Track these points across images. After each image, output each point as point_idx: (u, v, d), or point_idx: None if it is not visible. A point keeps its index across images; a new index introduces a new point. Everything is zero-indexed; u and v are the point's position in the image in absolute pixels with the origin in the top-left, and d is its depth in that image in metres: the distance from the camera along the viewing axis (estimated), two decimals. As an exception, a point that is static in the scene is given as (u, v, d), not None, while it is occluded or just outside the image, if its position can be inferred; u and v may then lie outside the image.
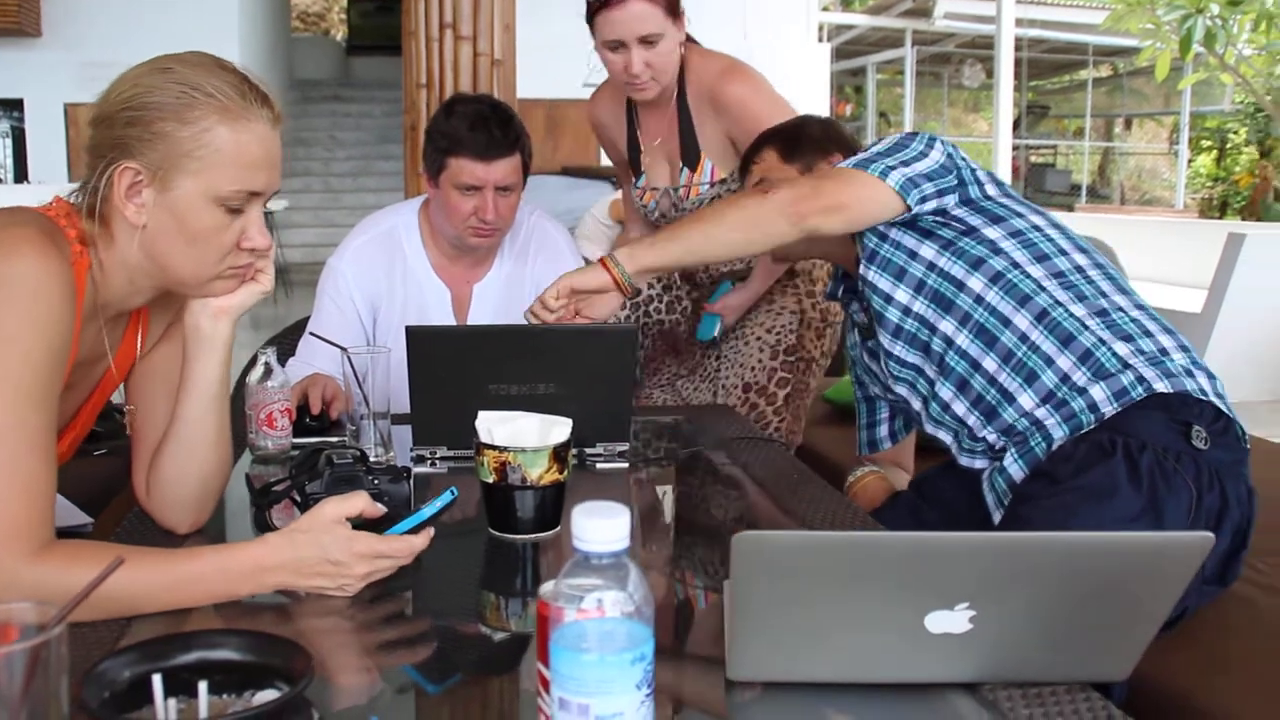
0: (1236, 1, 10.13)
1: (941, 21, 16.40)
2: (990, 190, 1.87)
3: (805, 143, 2.19)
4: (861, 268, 1.90)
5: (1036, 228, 1.84)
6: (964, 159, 1.88)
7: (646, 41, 2.48)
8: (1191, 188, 18.20)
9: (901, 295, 1.86)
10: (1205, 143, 18.91)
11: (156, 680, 0.98)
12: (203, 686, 0.99)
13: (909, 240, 1.85)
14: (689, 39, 2.65)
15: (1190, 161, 18.32)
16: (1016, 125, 17.72)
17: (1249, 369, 6.10)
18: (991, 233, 1.82)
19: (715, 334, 2.72)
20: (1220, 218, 15.19)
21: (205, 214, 1.36)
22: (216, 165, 1.34)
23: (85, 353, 1.41)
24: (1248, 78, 11.32)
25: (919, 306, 1.85)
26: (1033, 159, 21.60)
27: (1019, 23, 12.31)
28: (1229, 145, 18.35)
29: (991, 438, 1.80)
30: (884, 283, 1.87)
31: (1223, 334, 5.98)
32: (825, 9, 15.90)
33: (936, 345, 1.84)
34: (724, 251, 1.97)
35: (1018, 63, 14.02)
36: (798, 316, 2.71)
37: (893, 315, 1.88)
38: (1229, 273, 5.96)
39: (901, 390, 1.93)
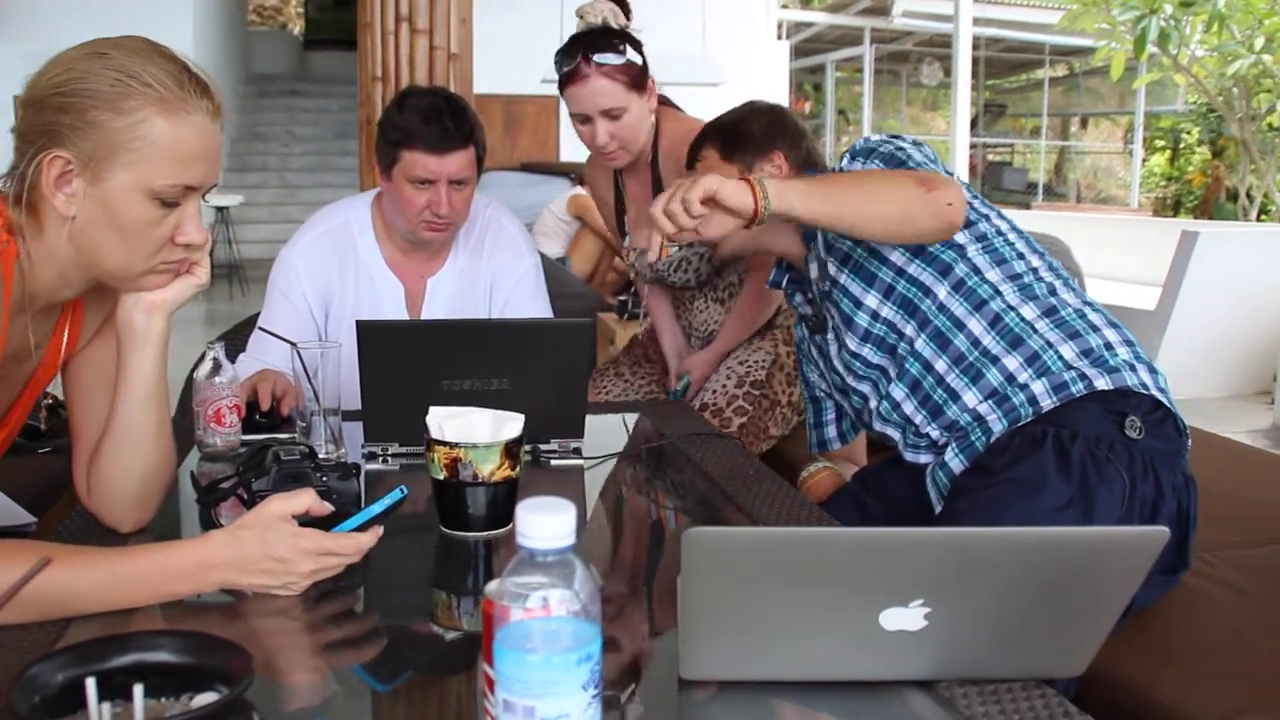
0: (1189, 2, 10.23)
1: (900, 20, 16.46)
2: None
3: (745, 141, 2.17)
4: (833, 270, 1.90)
5: (1000, 232, 1.86)
6: (938, 158, 1.88)
7: (610, 115, 2.51)
8: (1145, 187, 18.37)
9: (871, 300, 1.86)
10: (1159, 142, 19.10)
11: (90, 684, 0.94)
12: (138, 690, 0.96)
13: (883, 246, 1.84)
14: (665, 102, 2.69)
15: (1144, 161, 18.52)
16: (974, 124, 17.84)
17: (1202, 366, 6.16)
18: (959, 237, 1.82)
19: (678, 388, 2.77)
20: (1174, 216, 15.35)
21: (138, 207, 1.31)
22: (151, 158, 1.29)
23: (15, 346, 1.37)
24: (1200, 78, 11.43)
25: (887, 311, 1.85)
26: (990, 157, 21.73)
27: (976, 22, 12.39)
28: (1182, 145, 18.53)
29: (935, 434, 1.82)
30: (855, 288, 1.87)
31: (1176, 331, 6.04)
32: (784, 6, 15.92)
33: (902, 348, 1.85)
34: (867, 233, 1.77)
35: (975, 61, 14.13)
36: (772, 358, 2.71)
37: (862, 320, 1.88)
38: (1182, 270, 6.01)
39: (864, 388, 1.94)
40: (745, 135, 2.18)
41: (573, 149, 11.68)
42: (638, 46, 2.54)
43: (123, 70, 1.29)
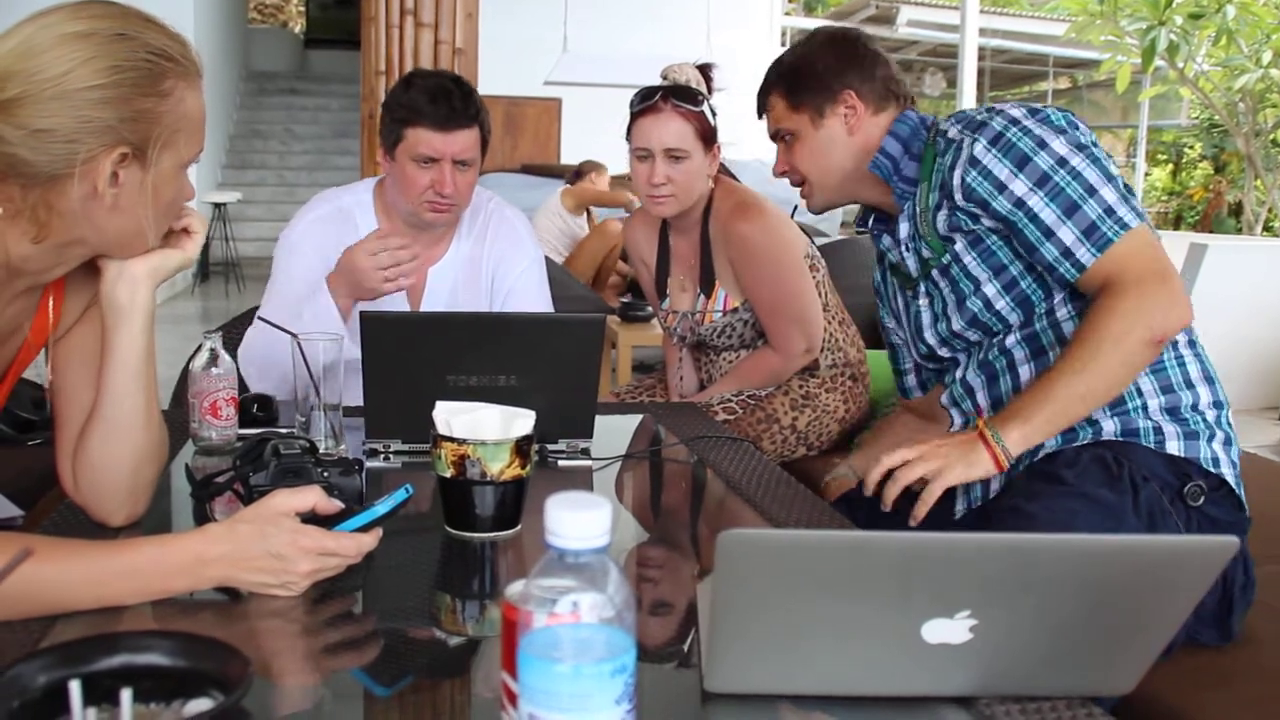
0: (1197, 15, 10.19)
1: (904, 29, 16.41)
2: None
3: (810, 81, 1.98)
4: (960, 246, 1.81)
5: None
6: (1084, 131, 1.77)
7: (672, 155, 2.54)
8: (1147, 201, 18.33)
9: (989, 289, 1.80)
10: (1161, 156, 19.08)
11: (74, 687, 0.87)
12: (126, 695, 0.89)
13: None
14: (724, 171, 2.74)
15: (1146, 175, 18.47)
16: (976, 135, 17.74)
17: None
18: None
19: None
20: (1175, 231, 15.31)
21: (178, 182, 1.33)
22: (188, 133, 1.30)
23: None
24: (1206, 92, 11.39)
25: (1003, 305, 1.80)
26: (991, 169, 21.68)
27: (982, 32, 12.34)
28: (1184, 159, 18.51)
29: None
30: (979, 271, 1.81)
31: (1183, 344, 5.97)
32: (789, 14, 15.89)
33: (999, 338, 1.82)
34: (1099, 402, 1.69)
35: (979, 73, 14.06)
36: (776, 384, 2.71)
37: (974, 305, 1.82)
38: (1190, 284, 5.95)
39: (944, 352, 1.91)
40: (809, 74, 1.98)
41: (573, 152, 11.65)
42: (714, 111, 2.60)
43: (150, 48, 1.26)
